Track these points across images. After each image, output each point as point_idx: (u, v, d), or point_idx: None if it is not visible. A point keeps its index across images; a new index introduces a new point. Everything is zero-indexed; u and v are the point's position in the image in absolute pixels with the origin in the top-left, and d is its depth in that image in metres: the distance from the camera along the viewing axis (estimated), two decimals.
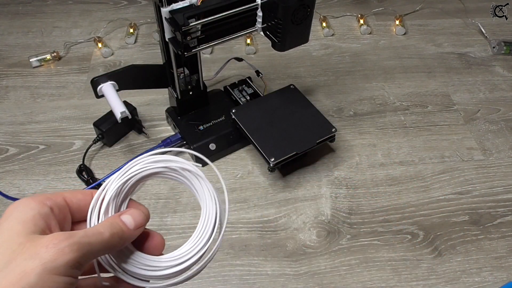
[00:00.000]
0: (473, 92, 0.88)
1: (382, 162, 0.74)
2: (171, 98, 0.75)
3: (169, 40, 0.60)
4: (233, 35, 0.62)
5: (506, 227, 0.66)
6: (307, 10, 0.60)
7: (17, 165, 0.72)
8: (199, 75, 0.71)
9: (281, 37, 0.61)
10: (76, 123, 0.80)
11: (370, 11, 1.06)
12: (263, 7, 0.60)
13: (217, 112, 0.76)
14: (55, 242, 0.24)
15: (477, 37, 1.01)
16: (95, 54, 0.94)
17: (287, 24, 0.59)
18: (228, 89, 0.80)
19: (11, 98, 0.84)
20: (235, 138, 0.73)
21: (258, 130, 0.68)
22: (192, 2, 0.57)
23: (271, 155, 0.64)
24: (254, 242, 0.63)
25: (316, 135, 0.67)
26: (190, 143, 0.71)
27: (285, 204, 0.68)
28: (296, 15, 0.59)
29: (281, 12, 0.58)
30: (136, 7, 1.08)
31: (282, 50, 0.64)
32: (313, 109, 0.72)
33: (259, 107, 0.72)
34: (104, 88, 0.64)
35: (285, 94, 0.74)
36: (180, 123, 0.74)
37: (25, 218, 0.26)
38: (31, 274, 0.23)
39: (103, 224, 0.29)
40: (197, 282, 0.58)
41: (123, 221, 0.29)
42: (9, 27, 1.01)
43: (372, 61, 0.94)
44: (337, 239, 0.63)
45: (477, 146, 0.77)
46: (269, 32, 0.63)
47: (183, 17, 0.55)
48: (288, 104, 0.72)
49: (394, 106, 0.84)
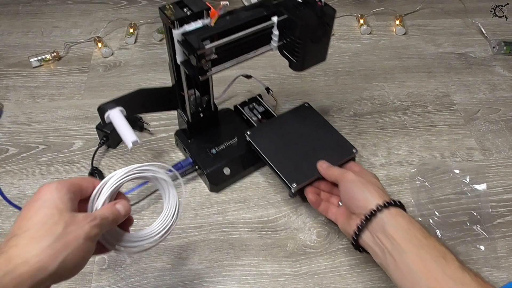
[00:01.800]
0: (473, 92, 0.88)
1: (382, 162, 0.74)
2: (180, 120, 0.71)
3: (181, 63, 0.56)
4: (247, 55, 0.58)
5: (506, 227, 0.66)
6: (326, 28, 0.57)
7: (17, 165, 0.72)
8: (210, 96, 0.67)
9: (299, 56, 0.58)
10: (76, 123, 0.80)
11: (370, 11, 1.06)
12: (280, 25, 0.56)
13: (228, 133, 0.72)
14: (88, 221, 0.38)
15: (477, 37, 1.01)
16: (95, 54, 0.94)
17: (306, 43, 0.56)
18: (238, 108, 0.76)
19: (11, 98, 0.84)
20: (250, 161, 0.69)
21: (276, 153, 0.65)
22: (205, 23, 0.53)
23: (292, 181, 0.61)
24: (254, 242, 0.63)
25: (337, 157, 0.63)
26: (203, 168, 0.67)
27: (285, 204, 0.68)
28: (315, 34, 0.56)
29: (300, 31, 0.55)
30: (136, 7, 1.08)
31: (300, 70, 0.60)
32: (331, 128, 0.68)
33: (275, 128, 0.69)
34: (111, 115, 0.59)
35: (300, 113, 0.71)
36: (191, 146, 0.70)
37: (63, 199, 0.38)
38: (79, 239, 0.37)
39: (106, 210, 0.41)
40: (197, 282, 0.59)
41: (118, 209, 0.43)
42: (9, 27, 1.01)
43: (372, 61, 0.94)
44: (337, 239, 0.63)
45: (477, 146, 0.77)
46: (285, 51, 0.59)
47: (197, 40, 0.51)
48: (304, 124, 0.69)
49: (394, 106, 0.84)
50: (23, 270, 0.33)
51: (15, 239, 0.35)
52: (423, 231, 0.49)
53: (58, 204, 0.37)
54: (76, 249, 0.36)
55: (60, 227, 0.36)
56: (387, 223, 0.49)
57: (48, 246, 0.35)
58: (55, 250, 0.35)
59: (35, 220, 0.36)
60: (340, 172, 0.58)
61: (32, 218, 0.36)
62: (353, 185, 0.55)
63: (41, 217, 0.36)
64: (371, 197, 0.52)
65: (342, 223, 0.57)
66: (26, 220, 0.36)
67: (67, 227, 0.36)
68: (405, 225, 0.49)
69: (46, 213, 0.37)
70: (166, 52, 0.97)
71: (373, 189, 0.54)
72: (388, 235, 0.49)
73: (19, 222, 0.36)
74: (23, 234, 0.35)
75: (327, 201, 0.62)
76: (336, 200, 0.61)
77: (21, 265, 0.33)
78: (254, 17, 0.55)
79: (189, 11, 0.53)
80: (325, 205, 0.61)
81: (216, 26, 0.53)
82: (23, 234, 0.35)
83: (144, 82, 0.88)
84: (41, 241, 0.35)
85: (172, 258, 0.61)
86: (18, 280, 0.33)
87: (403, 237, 0.48)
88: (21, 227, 0.36)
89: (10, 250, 0.34)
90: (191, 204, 0.67)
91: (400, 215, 0.50)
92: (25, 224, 0.36)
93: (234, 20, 0.54)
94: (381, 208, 0.51)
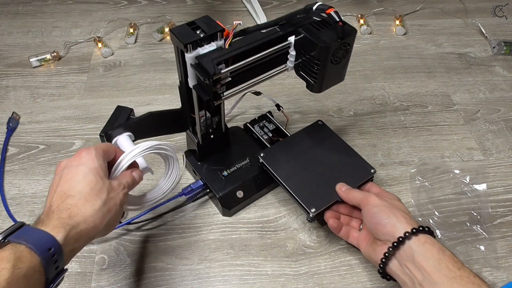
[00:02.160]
0: (473, 92, 0.88)
1: (382, 162, 0.74)
2: (189, 142, 0.68)
3: (194, 87, 0.54)
4: (262, 76, 0.55)
5: (506, 227, 0.66)
6: (347, 48, 0.54)
7: (17, 165, 0.72)
8: (221, 117, 0.64)
9: (318, 78, 0.55)
10: (76, 123, 0.80)
11: (370, 11, 1.06)
12: (296, 44, 0.53)
13: (239, 154, 0.69)
14: (121, 189, 0.47)
15: (477, 37, 1.01)
16: (95, 54, 0.94)
17: (326, 65, 0.53)
18: (248, 126, 0.73)
19: (11, 98, 0.84)
20: (263, 182, 0.67)
21: (292, 175, 0.62)
22: (218, 44, 0.51)
23: (311, 206, 0.58)
24: (254, 242, 0.63)
25: (356, 178, 0.61)
26: (215, 191, 0.64)
27: (285, 204, 0.68)
28: (336, 55, 0.53)
29: (320, 52, 0.52)
30: (136, 7, 1.08)
31: (319, 92, 0.57)
32: (347, 147, 0.66)
33: (288, 149, 0.66)
34: (119, 141, 0.57)
35: (313, 132, 0.68)
36: (201, 169, 0.67)
37: (102, 166, 0.45)
38: (117, 205, 0.45)
39: (127, 178, 0.49)
40: (197, 282, 0.59)
41: (134, 176, 0.50)
42: (9, 27, 1.01)
43: (372, 61, 0.94)
44: (337, 239, 0.63)
45: (477, 146, 0.77)
46: (302, 72, 0.56)
47: (212, 64, 0.48)
48: (319, 144, 0.66)
49: (394, 106, 0.84)
50: (83, 227, 0.41)
51: (71, 199, 0.41)
52: (455, 260, 0.46)
53: (99, 171, 0.44)
54: (115, 213, 0.45)
55: (104, 193, 0.43)
56: (416, 252, 0.47)
57: (99, 209, 0.42)
58: (103, 213, 0.43)
59: (84, 184, 0.43)
60: (362, 195, 0.55)
61: (81, 182, 0.43)
62: (378, 210, 0.52)
63: (88, 182, 0.43)
64: (398, 224, 0.49)
65: (365, 249, 0.55)
66: (76, 183, 0.43)
67: (109, 193, 0.44)
68: (436, 253, 0.46)
69: (92, 179, 0.43)
70: (166, 52, 0.97)
71: (399, 215, 0.51)
72: (418, 264, 0.46)
73: (69, 183, 0.43)
74: (77, 196, 0.42)
75: (348, 224, 0.59)
76: (357, 224, 0.59)
77: (82, 223, 0.41)
78: (270, 37, 0.52)
79: (202, 33, 0.50)
80: (346, 229, 0.58)
81: (230, 48, 0.51)
82: (77, 196, 0.42)
83: (144, 82, 0.88)
84: (94, 204, 0.42)
85: (172, 258, 0.61)
86: (79, 235, 0.40)
87: (434, 267, 0.45)
88: (73, 188, 0.42)
89: (72, 209, 0.41)
90: (191, 204, 0.67)
91: (429, 243, 0.48)
92: (76, 186, 0.42)
93: (249, 41, 0.51)
94: (409, 235, 0.48)
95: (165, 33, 0.99)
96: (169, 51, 0.95)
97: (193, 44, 0.49)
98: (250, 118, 0.75)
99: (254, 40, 0.52)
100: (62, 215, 0.40)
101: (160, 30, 0.98)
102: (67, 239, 0.39)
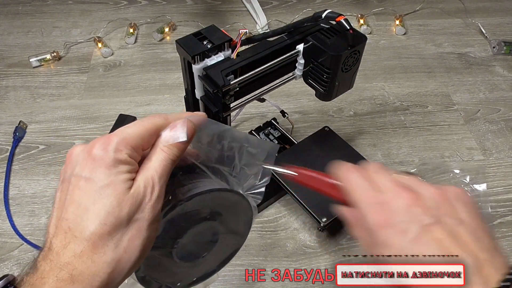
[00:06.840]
0: (473, 92, 0.88)
1: (382, 162, 0.74)
2: None
3: (202, 99, 0.52)
4: (270, 85, 0.54)
5: (506, 227, 0.66)
6: (357, 56, 0.53)
7: (17, 165, 0.72)
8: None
9: (328, 86, 0.54)
10: (76, 123, 0.80)
11: (370, 11, 1.06)
12: (305, 52, 0.53)
13: None
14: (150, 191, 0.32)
15: (477, 37, 1.01)
16: (95, 54, 0.94)
17: (336, 73, 0.52)
18: (253, 134, 0.73)
19: (11, 98, 0.84)
20: (272, 192, 0.66)
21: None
22: (226, 55, 0.50)
23: (322, 215, 0.57)
24: (254, 242, 0.63)
25: None
26: None
27: (285, 204, 0.68)
28: (347, 63, 0.52)
29: (330, 61, 0.51)
30: (136, 7, 1.08)
31: (329, 100, 0.57)
32: (355, 153, 0.66)
33: (296, 157, 0.65)
34: None
35: (321, 139, 0.68)
36: None
37: (121, 178, 0.31)
38: (156, 215, 0.32)
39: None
40: None
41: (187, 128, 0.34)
42: (9, 27, 1.01)
43: (372, 61, 0.94)
44: (337, 239, 0.63)
45: (477, 146, 0.77)
46: (311, 80, 0.56)
47: (221, 75, 0.47)
48: (327, 150, 0.66)
49: (394, 106, 0.84)
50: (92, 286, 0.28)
51: (76, 243, 0.28)
52: None
53: (118, 185, 0.29)
54: (143, 240, 0.30)
55: (124, 222, 0.29)
56: None
57: (114, 257, 0.29)
58: (118, 261, 0.29)
59: (95, 215, 0.29)
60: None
61: (91, 211, 0.29)
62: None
63: (101, 209, 0.29)
64: None
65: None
66: (84, 212, 0.29)
67: (134, 214, 0.30)
68: None
69: (106, 204, 0.29)
70: (166, 52, 0.97)
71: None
72: None
73: (76, 212, 0.29)
74: (84, 239, 0.28)
75: None
76: None
77: (88, 284, 0.28)
78: (278, 46, 0.51)
79: (209, 43, 0.49)
80: None
81: (239, 59, 0.50)
82: (84, 239, 0.28)
83: (144, 82, 0.88)
84: (105, 253, 0.29)
85: None
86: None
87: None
88: (79, 224, 0.29)
89: (75, 263, 0.28)
90: None
91: None
92: (84, 220, 0.29)
93: (257, 50, 0.51)
94: None
95: (165, 33, 0.99)
96: (169, 51, 0.95)
97: (200, 55, 0.48)
98: (255, 125, 0.75)
99: (262, 49, 0.51)
100: (61, 275, 0.27)
101: (160, 30, 0.98)
102: None
